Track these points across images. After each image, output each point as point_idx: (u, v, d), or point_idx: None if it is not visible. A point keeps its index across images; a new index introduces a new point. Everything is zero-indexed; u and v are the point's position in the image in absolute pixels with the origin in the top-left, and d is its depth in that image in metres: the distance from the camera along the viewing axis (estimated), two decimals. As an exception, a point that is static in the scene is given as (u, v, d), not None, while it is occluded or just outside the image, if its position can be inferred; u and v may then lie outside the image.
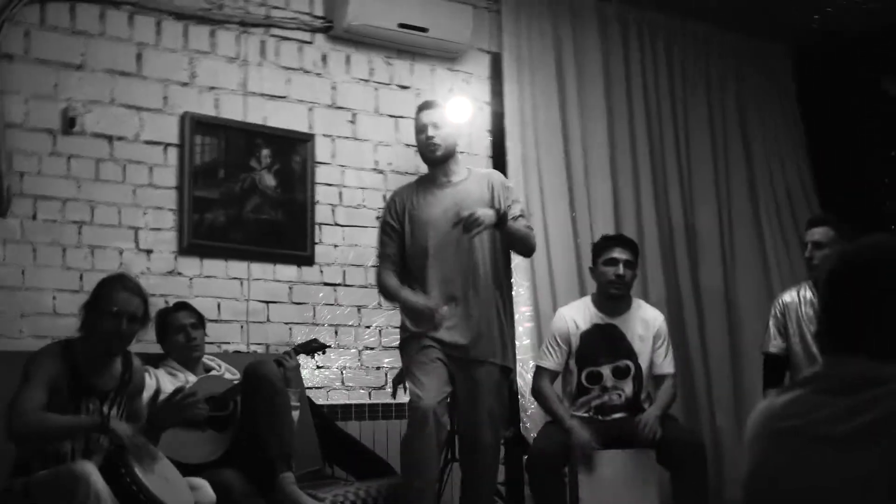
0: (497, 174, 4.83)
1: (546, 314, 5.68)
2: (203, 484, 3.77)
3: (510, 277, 5.05)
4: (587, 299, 5.08)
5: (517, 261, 5.90)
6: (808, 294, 4.95)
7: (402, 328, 4.57)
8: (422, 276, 4.52)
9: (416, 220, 4.59)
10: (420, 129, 4.66)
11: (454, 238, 4.44)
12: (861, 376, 1.56)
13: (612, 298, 4.94)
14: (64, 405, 3.61)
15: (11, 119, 4.79)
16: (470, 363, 4.44)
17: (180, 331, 4.62)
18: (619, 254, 4.94)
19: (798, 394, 1.62)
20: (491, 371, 4.47)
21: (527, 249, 4.72)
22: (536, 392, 4.97)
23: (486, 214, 4.31)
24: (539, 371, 4.98)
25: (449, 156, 4.65)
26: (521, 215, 4.58)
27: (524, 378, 5.78)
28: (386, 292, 4.66)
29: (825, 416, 1.54)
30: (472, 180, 4.67)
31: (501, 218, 4.37)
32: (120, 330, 3.72)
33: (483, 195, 4.57)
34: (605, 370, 4.88)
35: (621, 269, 4.89)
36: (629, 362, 4.88)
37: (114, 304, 3.74)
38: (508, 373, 4.62)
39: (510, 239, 4.54)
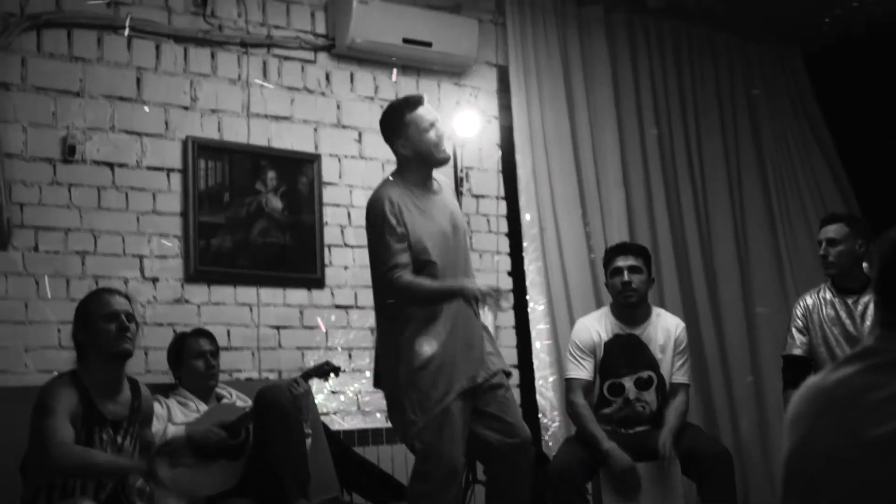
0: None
1: (563, 329, 5.56)
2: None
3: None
4: (605, 310, 4.96)
5: (532, 277, 5.82)
6: (828, 295, 4.84)
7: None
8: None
9: (419, 230, 3.90)
10: (429, 126, 3.96)
11: (457, 252, 4.05)
12: None
13: (629, 307, 4.81)
14: (78, 436, 3.50)
15: (10, 149, 4.70)
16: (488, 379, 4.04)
17: (200, 357, 4.51)
18: (621, 262, 4.83)
19: (850, 371, 1.48)
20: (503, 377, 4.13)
21: None
22: (571, 408, 4.76)
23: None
24: (571, 384, 4.81)
25: None
26: None
27: (544, 395, 5.66)
28: (423, 292, 3.87)
29: (873, 404, 1.39)
30: (446, 190, 4.18)
31: None
32: (122, 325, 3.60)
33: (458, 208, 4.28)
34: (628, 382, 4.75)
35: (626, 276, 4.78)
36: (651, 373, 4.76)
37: (105, 307, 3.64)
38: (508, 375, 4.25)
39: None
